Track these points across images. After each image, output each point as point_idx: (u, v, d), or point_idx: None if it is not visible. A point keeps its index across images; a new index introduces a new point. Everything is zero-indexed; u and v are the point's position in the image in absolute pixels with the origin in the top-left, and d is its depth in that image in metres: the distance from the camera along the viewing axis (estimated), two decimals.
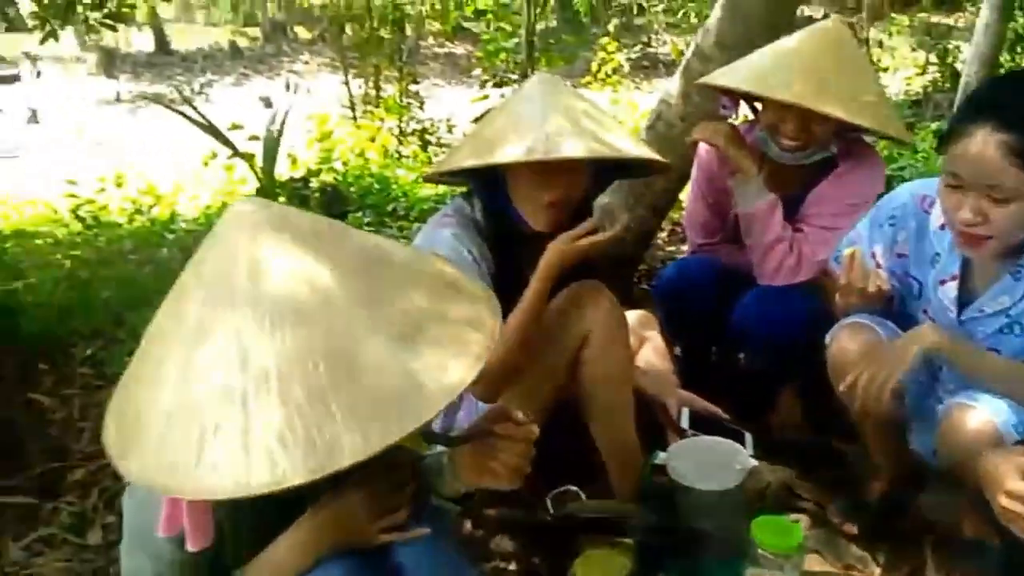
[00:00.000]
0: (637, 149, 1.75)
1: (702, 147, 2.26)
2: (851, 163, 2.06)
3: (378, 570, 1.18)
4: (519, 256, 1.84)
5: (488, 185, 1.78)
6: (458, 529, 1.77)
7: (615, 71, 6.22)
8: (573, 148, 1.60)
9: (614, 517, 1.68)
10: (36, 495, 1.90)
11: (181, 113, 4.22)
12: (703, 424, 1.91)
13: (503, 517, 1.80)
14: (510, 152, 1.63)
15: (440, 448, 1.26)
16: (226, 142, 3.96)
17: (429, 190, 4.42)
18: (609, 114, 1.86)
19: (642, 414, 1.87)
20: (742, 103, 2.22)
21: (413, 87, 6.19)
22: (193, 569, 1.15)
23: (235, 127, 4.14)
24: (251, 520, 1.15)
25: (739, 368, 2.38)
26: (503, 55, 4.84)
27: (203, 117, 4.05)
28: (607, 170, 1.85)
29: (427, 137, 5.66)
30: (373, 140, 5.18)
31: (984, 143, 1.31)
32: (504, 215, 1.77)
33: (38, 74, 9.09)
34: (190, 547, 1.08)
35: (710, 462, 1.72)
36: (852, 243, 1.68)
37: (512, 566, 1.71)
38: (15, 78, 4.76)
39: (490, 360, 1.63)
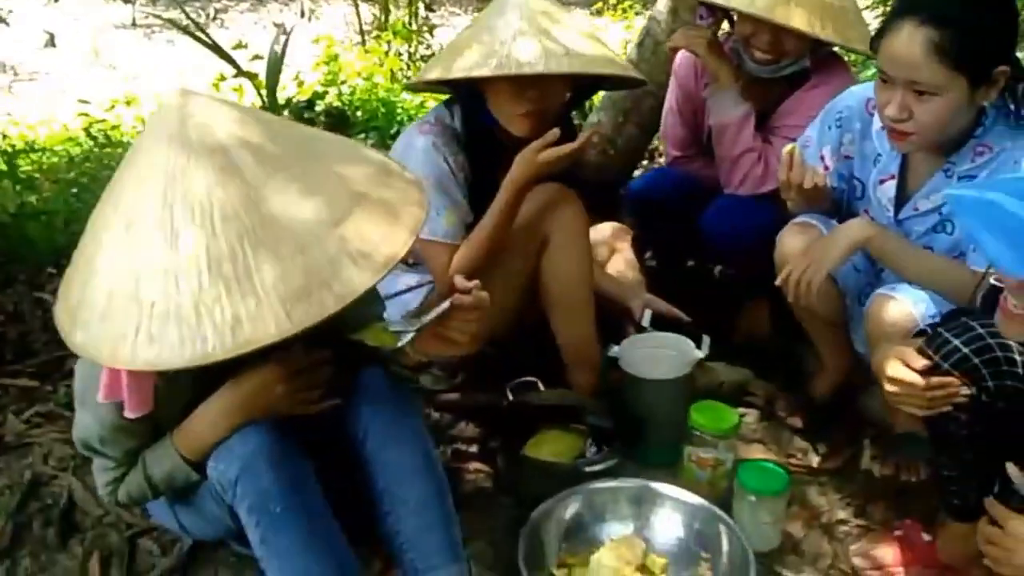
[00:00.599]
0: (601, 61, 1.74)
1: (679, 59, 2.29)
2: (821, 76, 2.08)
3: (307, 429, 1.29)
4: (496, 166, 1.90)
5: (468, 93, 1.80)
6: (422, 412, 1.90)
7: None
8: (530, 62, 1.61)
9: (568, 404, 1.78)
10: (38, 379, 2.05)
11: (190, 34, 4.26)
12: (664, 326, 2.00)
13: (464, 403, 1.92)
14: (468, 65, 1.66)
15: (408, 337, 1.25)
16: (231, 61, 4.01)
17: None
18: (584, 28, 1.86)
19: (604, 315, 1.97)
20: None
21: (428, 14, 6.14)
22: (131, 432, 1.27)
23: (239, 46, 4.19)
24: (186, 387, 1.26)
25: (711, 278, 2.45)
26: None
27: (209, 38, 4.10)
28: (588, 82, 1.87)
29: None
30: (381, 65, 5.19)
31: (909, 38, 1.35)
32: (483, 124, 1.80)
33: None
34: (128, 414, 1.19)
35: (660, 355, 1.82)
36: (805, 146, 1.73)
37: (472, 448, 1.83)
38: None
39: (457, 265, 1.73)
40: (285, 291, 0.93)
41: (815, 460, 1.82)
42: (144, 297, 0.94)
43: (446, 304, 1.21)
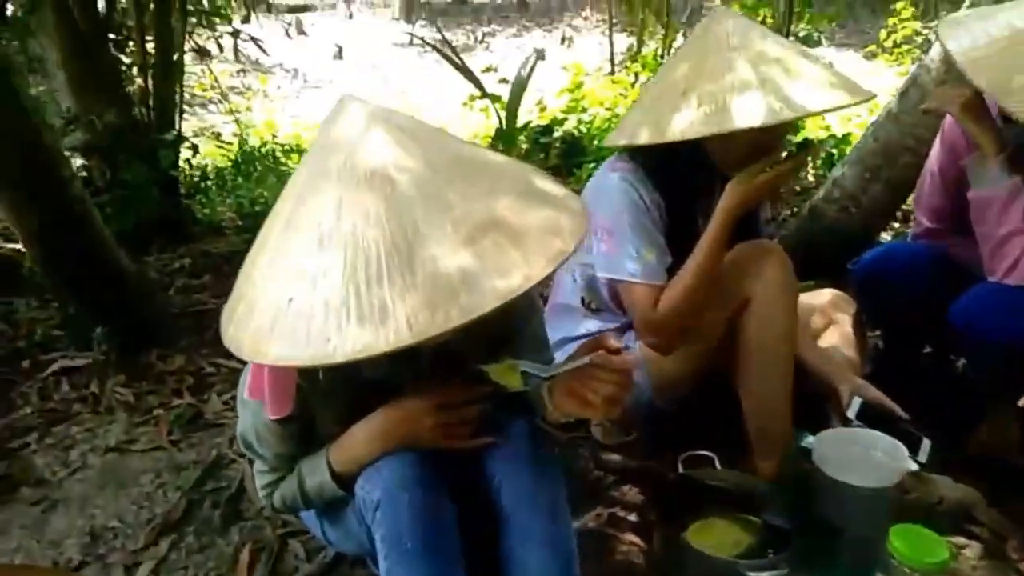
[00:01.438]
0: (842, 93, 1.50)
1: (950, 116, 1.98)
2: None
3: (454, 470, 1.24)
4: (693, 208, 1.76)
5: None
6: (584, 468, 1.79)
7: (906, 41, 5.52)
8: (816, 101, 1.44)
9: (744, 491, 1.58)
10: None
11: (445, 56, 4.52)
12: (876, 420, 1.72)
13: (629, 466, 1.78)
14: (690, 122, 1.48)
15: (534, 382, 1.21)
16: (477, 84, 4.19)
17: None
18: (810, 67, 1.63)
19: (803, 395, 1.73)
20: None
21: None
22: (281, 436, 1.28)
23: (488, 70, 4.36)
24: (340, 401, 1.26)
25: (949, 371, 2.09)
26: (761, 10, 4.53)
27: (460, 61, 4.31)
28: None
29: None
30: (625, 96, 5.16)
31: None
32: (682, 163, 1.65)
33: (351, 16, 10.28)
34: (268, 414, 1.20)
35: (864, 457, 1.56)
36: None
37: (631, 516, 1.68)
38: (307, 7, 5.42)
39: (667, 307, 1.60)
40: (411, 303, 0.90)
41: None
42: (285, 294, 0.96)
43: (585, 359, 1.13)
